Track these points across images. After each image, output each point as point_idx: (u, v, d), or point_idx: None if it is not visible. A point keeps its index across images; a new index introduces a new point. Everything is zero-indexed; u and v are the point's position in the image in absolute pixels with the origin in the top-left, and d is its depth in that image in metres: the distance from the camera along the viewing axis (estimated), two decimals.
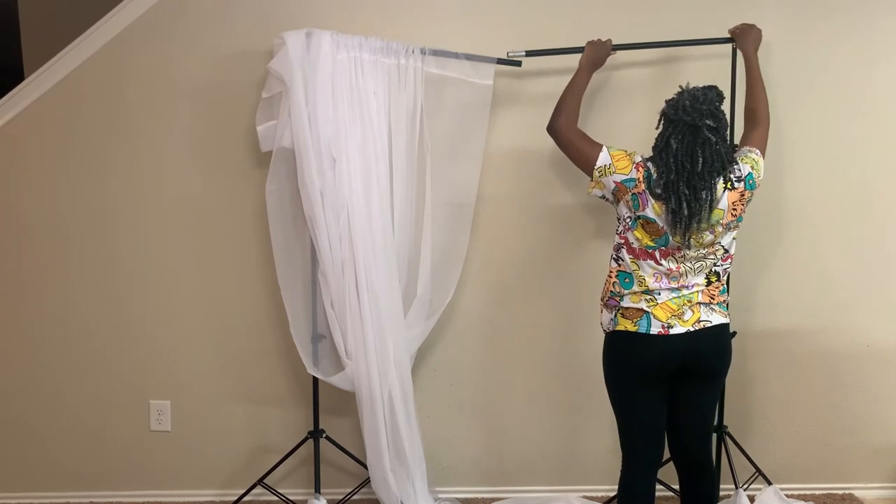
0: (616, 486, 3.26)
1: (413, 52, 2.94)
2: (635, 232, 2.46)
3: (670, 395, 2.54)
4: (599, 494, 3.31)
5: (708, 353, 2.49)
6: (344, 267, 2.88)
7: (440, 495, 3.22)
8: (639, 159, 2.47)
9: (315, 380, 3.07)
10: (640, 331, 2.45)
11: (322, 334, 3.02)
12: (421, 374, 3.26)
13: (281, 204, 2.94)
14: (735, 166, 2.43)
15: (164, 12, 3.06)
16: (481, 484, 3.35)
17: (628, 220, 2.47)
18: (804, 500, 3.22)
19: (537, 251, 3.24)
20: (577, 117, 2.67)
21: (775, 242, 3.24)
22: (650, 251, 2.44)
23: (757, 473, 3.15)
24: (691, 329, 2.44)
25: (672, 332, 2.43)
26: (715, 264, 2.48)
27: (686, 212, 2.33)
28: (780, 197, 3.19)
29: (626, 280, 2.48)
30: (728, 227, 2.44)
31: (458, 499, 3.27)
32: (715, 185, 2.36)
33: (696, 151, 2.32)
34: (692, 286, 2.46)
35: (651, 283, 2.45)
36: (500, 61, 3.03)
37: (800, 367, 3.31)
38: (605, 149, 2.50)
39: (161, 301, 3.20)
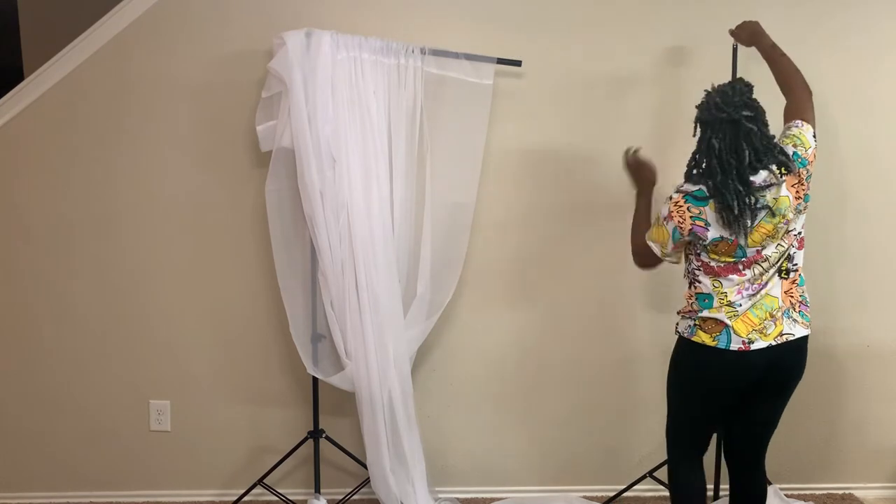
0: (616, 487, 3.28)
1: (413, 52, 2.94)
2: (711, 255, 2.37)
3: (742, 403, 2.47)
4: (599, 494, 3.31)
5: (788, 367, 2.41)
6: (344, 267, 2.88)
7: (440, 495, 3.22)
8: (667, 211, 2.38)
9: (315, 380, 3.07)
10: (719, 346, 2.35)
11: (322, 334, 3.02)
12: (421, 374, 3.26)
13: (281, 204, 2.94)
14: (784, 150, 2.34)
15: (164, 12, 3.05)
16: (481, 484, 3.35)
17: (699, 246, 2.39)
18: (804, 500, 3.22)
19: (537, 251, 3.24)
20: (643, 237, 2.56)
21: None
22: (732, 265, 2.35)
23: None
24: (773, 343, 2.35)
25: (753, 347, 2.34)
26: (789, 250, 2.38)
27: (737, 210, 2.25)
28: None
29: (706, 300, 2.39)
30: (798, 211, 2.35)
31: (458, 499, 3.27)
32: (771, 172, 2.28)
33: (741, 145, 2.25)
34: (766, 284, 2.35)
35: (733, 296, 2.35)
36: (500, 61, 3.03)
37: None
38: (652, 244, 2.47)
39: (161, 301, 3.20)
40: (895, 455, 3.37)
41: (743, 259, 2.33)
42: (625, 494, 3.24)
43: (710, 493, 3.23)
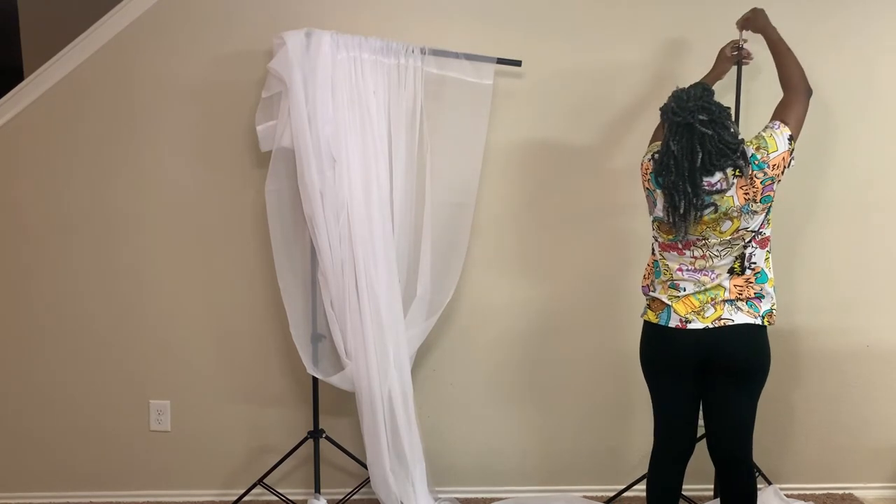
0: (616, 486, 3.28)
1: (413, 51, 2.94)
2: (656, 229, 2.51)
3: (704, 393, 2.55)
4: (599, 494, 3.31)
5: (729, 351, 2.46)
6: (344, 267, 2.88)
7: (440, 495, 3.22)
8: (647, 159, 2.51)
9: (315, 380, 3.07)
10: (661, 323, 2.49)
11: (322, 334, 3.02)
12: (421, 374, 3.26)
13: (281, 204, 2.94)
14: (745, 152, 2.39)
15: (164, 12, 3.06)
16: (481, 484, 3.35)
17: (651, 218, 2.53)
18: (804, 500, 3.22)
19: (537, 251, 3.24)
20: None
21: (776, 242, 3.23)
22: (672, 244, 2.47)
23: (757, 473, 3.15)
24: (710, 326, 2.44)
25: (689, 326, 2.45)
26: (744, 247, 2.45)
27: (682, 210, 2.34)
28: (781, 197, 3.17)
29: (657, 269, 2.54)
30: (750, 212, 2.39)
31: (458, 499, 3.27)
32: (725, 175, 2.34)
33: (696, 148, 2.32)
34: (715, 277, 2.45)
35: (676, 273, 2.48)
36: (500, 61, 3.03)
37: (800, 367, 3.31)
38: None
39: (161, 301, 3.20)
40: (895, 455, 3.37)
41: (681, 241, 2.45)
42: (625, 494, 3.24)
43: (709, 493, 3.24)
